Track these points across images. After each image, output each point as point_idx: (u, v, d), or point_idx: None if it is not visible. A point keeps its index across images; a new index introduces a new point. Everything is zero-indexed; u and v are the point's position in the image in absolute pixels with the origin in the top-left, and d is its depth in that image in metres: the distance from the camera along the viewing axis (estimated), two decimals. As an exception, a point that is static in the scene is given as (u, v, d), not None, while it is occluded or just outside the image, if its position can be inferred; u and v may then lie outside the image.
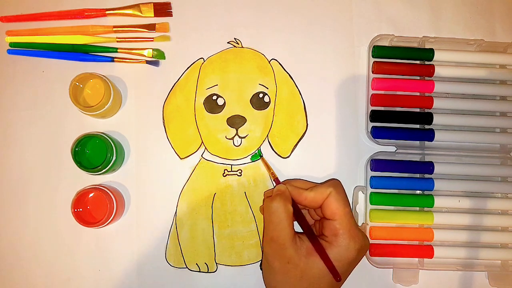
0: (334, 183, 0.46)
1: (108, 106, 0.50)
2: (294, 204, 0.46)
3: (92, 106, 0.50)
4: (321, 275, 0.43)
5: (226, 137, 0.54)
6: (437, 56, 0.54)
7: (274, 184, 0.51)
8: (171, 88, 0.55)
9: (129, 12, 0.55)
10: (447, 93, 0.55)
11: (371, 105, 0.54)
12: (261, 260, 0.48)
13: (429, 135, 0.53)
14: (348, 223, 0.44)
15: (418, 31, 0.56)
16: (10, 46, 0.55)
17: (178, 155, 0.54)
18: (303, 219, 0.46)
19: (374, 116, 0.53)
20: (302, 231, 0.46)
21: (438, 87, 0.53)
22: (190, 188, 0.53)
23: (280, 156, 0.54)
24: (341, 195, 0.45)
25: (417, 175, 0.54)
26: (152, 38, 0.55)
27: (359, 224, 0.53)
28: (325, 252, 0.43)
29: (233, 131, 0.54)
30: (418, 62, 0.55)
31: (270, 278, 0.46)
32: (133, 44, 0.55)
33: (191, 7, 0.56)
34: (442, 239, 0.52)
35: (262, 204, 0.53)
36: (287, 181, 0.49)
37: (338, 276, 0.43)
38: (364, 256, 0.53)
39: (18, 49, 0.55)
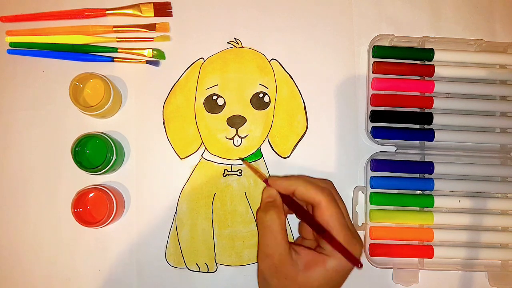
0: (325, 193, 0.43)
1: (108, 106, 0.50)
2: (287, 197, 0.45)
3: (92, 106, 0.50)
4: (320, 286, 0.42)
5: (226, 137, 0.54)
6: (437, 56, 0.54)
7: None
8: (171, 88, 0.55)
9: (129, 12, 0.55)
10: (447, 93, 0.55)
11: (371, 105, 0.54)
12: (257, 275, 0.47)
13: (429, 135, 0.53)
14: (344, 235, 0.42)
15: (418, 31, 0.56)
16: (10, 46, 0.55)
17: (178, 155, 0.54)
18: (300, 209, 0.44)
19: (374, 116, 0.53)
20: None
21: (438, 87, 0.53)
22: (190, 188, 0.53)
23: (280, 156, 0.54)
24: (334, 204, 0.43)
25: (417, 175, 0.54)
26: (152, 38, 0.55)
27: (359, 224, 0.53)
28: (336, 239, 0.41)
29: (233, 131, 0.54)
30: (418, 62, 0.55)
31: None
32: (133, 44, 0.55)
33: (191, 7, 0.56)
34: (442, 239, 0.52)
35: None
36: (275, 180, 0.46)
37: (358, 263, 0.41)
38: (364, 256, 0.53)
39: (18, 49, 0.55)
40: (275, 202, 0.44)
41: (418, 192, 0.54)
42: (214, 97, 0.54)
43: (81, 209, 0.50)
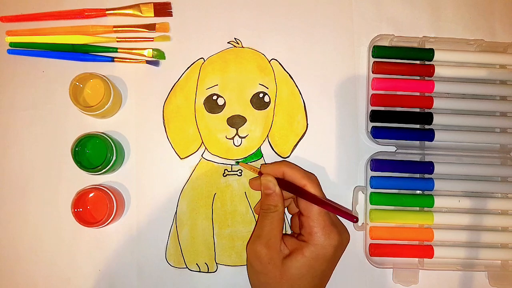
0: (310, 178, 0.46)
1: (108, 106, 0.50)
2: (280, 179, 0.47)
3: (92, 106, 0.50)
4: (300, 275, 0.43)
5: (226, 137, 0.54)
6: (437, 56, 0.54)
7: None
8: (171, 88, 0.55)
9: (129, 12, 0.55)
10: (447, 93, 0.55)
11: (371, 105, 0.54)
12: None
13: (429, 135, 0.53)
14: (322, 221, 0.44)
15: (418, 31, 0.56)
16: (10, 46, 0.55)
17: (178, 155, 0.54)
18: (294, 186, 0.46)
19: (374, 116, 0.53)
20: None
21: (438, 87, 0.53)
22: (190, 188, 0.53)
23: (280, 156, 0.54)
24: (318, 189, 0.46)
25: (417, 175, 0.54)
26: (152, 38, 0.55)
27: (359, 224, 0.53)
28: (323, 200, 0.44)
29: (233, 131, 0.54)
30: (418, 62, 0.55)
31: (253, 279, 0.46)
32: (133, 44, 0.55)
33: (191, 7, 0.56)
34: (442, 239, 0.52)
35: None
36: (265, 167, 0.49)
37: (354, 218, 0.44)
38: (364, 256, 0.53)
39: (18, 49, 0.55)
40: (276, 192, 0.46)
41: (418, 192, 0.54)
42: (214, 97, 0.54)
43: (81, 209, 0.50)
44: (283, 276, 0.43)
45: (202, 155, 0.54)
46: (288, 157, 0.54)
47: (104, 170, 0.49)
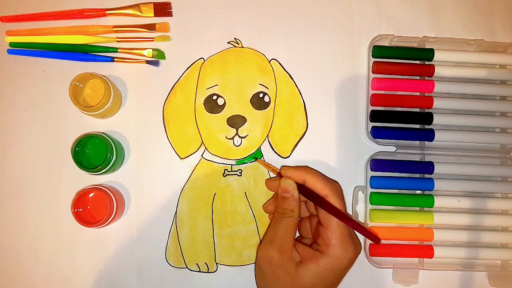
0: (333, 187, 0.45)
1: (108, 106, 0.50)
2: (300, 185, 0.45)
3: (92, 106, 0.50)
4: (312, 285, 0.42)
5: (226, 137, 0.54)
6: (437, 56, 0.54)
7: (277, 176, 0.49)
8: (171, 88, 0.55)
9: (129, 12, 0.55)
10: (447, 93, 0.55)
11: (371, 105, 0.54)
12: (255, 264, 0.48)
13: (429, 135, 0.53)
14: (340, 233, 0.43)
15: (418, 31, 0.56)
16: (10, 46, 0.55)
17: (178, 155, 0.54)
18: (314, 195, 0.45)
19: (374, 116, 0.53)
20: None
21: (438, 87, 0.53)
22: (190, 188, 0.53)
23: (280, 156, 0.54)
24: (339, 200, 0.44)
25: (417, 175, 0.54)
26: (152, 38, 0.55)
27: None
28: (345, 215, 0.43)
29: (233, 131, 0.54)
30: (418, 62, 0.55)
31: (262, 283, 0.46)
32: (133, 44, 0.55)
33: (191, 7, 0.56)
34: (442, 239, 0.52)
35: (263, 203, 0.52)
36: (286, 170, 0.47)
37: (376, 238, 0.43)
38: (364, 256, 0.53)
39: (18, 49, 0.55)
40: (294, 197, 0.45)
41: (418, 192, 0.54)
42: (214, 97, 0.54)
43: (81, 209, 0.50)
44: (294, 283, 0.42)
45: (202, 155, 0.54)
46: (288, 157, 0.54)
47: (104, 170, 0.49)
